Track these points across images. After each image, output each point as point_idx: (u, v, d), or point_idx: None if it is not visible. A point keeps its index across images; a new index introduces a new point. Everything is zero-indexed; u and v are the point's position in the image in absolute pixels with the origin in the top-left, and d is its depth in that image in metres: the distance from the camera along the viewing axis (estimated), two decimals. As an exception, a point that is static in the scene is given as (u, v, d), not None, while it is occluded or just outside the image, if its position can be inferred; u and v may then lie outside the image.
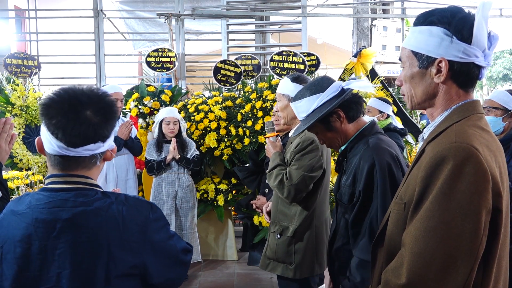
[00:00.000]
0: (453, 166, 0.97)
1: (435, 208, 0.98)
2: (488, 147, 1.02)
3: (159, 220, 1.14)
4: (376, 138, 1.67)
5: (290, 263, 2.25)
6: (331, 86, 1.68)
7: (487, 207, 0.97)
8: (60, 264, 1.04)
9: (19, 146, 4.31)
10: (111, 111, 1.11)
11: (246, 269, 4.19)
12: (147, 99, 4.42)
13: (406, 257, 1.01)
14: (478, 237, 0.96)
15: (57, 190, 1.09)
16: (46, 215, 1.06)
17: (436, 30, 1.08)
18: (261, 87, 4.30)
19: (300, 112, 1.74)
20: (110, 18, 6.24)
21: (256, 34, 5.80)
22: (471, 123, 1.06)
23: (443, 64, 1.08)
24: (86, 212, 1.06)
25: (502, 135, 2.29)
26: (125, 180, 3.84)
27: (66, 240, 1.04)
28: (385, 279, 1.07)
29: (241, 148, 4.21)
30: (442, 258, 0.97)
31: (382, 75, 5.03)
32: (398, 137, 3.36)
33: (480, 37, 1.05)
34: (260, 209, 3.06)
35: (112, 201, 1.09)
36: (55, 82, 5.58)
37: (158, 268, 1.11)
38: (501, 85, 20.86)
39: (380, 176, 1.56)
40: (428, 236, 0.98)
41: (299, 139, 2.25)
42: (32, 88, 4.52)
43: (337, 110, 1.69)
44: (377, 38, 6.02)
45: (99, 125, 1.08)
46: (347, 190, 1.66)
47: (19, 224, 1.07)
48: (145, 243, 1.09)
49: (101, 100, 1.10)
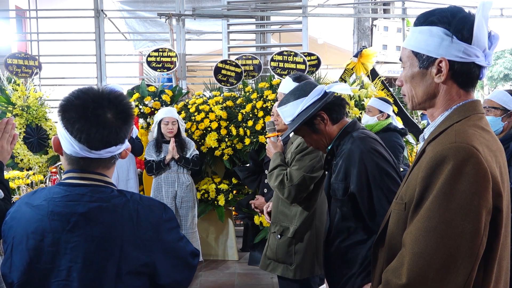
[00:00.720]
0: (453, 166, 0.97)
1: (436, 208, 0.98)
2: (488, 147, 1.02)
3: (171, 221, 1.16)
4: (360, 132, 1.74)
5: (291, 264, 2.25)
6: (314, 90, 1.74)
7: (488, 207, 0.97)
8: (72, 257, 1.05)
9: (20, 146, 4.32)
10: (129, 114, 1.14)
11: (247, 269, 4.19)
12: (148, 99, 4.42)
13: (407, 257, 1.01)
14: (478, 237, 0.96)
15: (74, 185, 1.11)
16: (63, 208, 1.07)
17: (436, 30, 1.08)
18: (262, 87, 4.30)
19: (286, 117, 1.80)
20: (111, 18, 6.24)
21: (256, 34, 5.80)
22: (472, 123, 1.06)
23: (443, 64, 1.08)
24: (103, 207, 1.07)
25: (502, 134, 2.29)
26: (126, 180, 3.84)
27: (80, 234, 1.05)
28: (386, 279, 1.07)
29: (241, 148, 4.21)
30: (443, 258, 0.96)
31: (382, 75, 5.03)
32: (398, 137, 3.36)
33: (480, 37, 1.05)
34: (259, 209, 3.06)
35: (128, 199, 1.11)
36: (56, 82, 5.58)
37: (167, 268, 1.13)
38: (502, 85, 20.84)
39: (372, 160, 1.61)
40: (428, 236, 0.98)
41: (300, 139, 2.25)
42: (33, 88, 4.53)
43: (320, 113, 1.75)
44: (378, 38, 6.02)
45: (120, 128, 1.11)
46: (340, 185, 1.68)
47: (34, 216, 1.08)
48: (157, 242, 1.10)
49: (120, 102, 1.13)
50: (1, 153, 1.56)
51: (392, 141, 3.28)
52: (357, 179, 1.62)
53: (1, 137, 1.56)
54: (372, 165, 1.61)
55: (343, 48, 8.50)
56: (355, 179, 1.63)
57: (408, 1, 6.06)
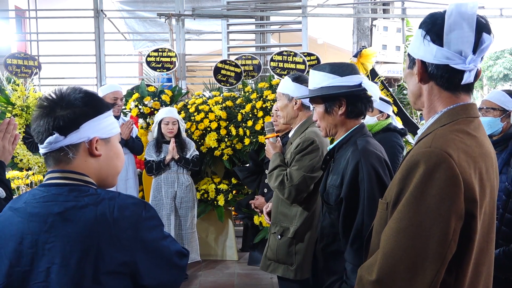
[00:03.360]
0: (425, 171, 0.99)
1: (406, 210, 1.01)
2: (466, 153, 1.02)
3: (152, 219, 1.13)
4: (365, 141, 1.69)
5: (291, 264, 2.25)
6: (350, 76, 1.70)
7: (458, 213, 0.98)
8: (49, 259, 1.04)
9: (19, 146, 4.31)
10: (68, 103, 1.12)
11: (247, 269, 4.19)
12: (148, 99, 4.42)
13: (379, 255, 1.05)
14: (446, 241, 0.98)
15: (51, 185, 1.11)
16: (40, 209, 1.07)
17: (419, 31, 1.12)
18: (262, 87, 4.30)
19: (311, 82, 1.78)
20: (111, 18, 6.24)
21: (256, 34, 5.80)
22: (456, 128, 1.07)
23: (417, 65, 1.12)
24: (77, 207, 1.06)
25: (501, 135, 2.29)
26: (125, 179, 3.84)
27: (56, 235, 1.04)
28: (359, 275, 1.10)
29: (241, 148, 4.21)
30: (410, 258, 0.99)
31: (382, 75, 5.04)
32: (398, 137, 3.36)
33: (452, 39, 1.05)
34: (259, 209, 3.06)
35: (104, 197, 1.09)
36: (56, 82, 5.58)
37: (149, 268, 1.10)
38: (501, 85, 20.83)
39: (367, 180, 1.57)
40: (398, 236, 1.01)
41: (299, 139, 2.25)
42: (32, 88, 4.52)
43: (341, 98, 1.72)
44: (378, 38, 6.01)
45: (53, 116, 1.10)
46: (335, 191, 1.67)
47: (15, 219, 1.08)
48: (136, 241, 1.08)
49: (66, 97, 1.13)
50: (2, 153, 1.57)
51: (391, 141, 3.28)
52: (347, 188, 1.61)
53: (2, 137, 1.56)
54: (366, 185, 1.57)
55: (343, 48, 8.49)
56: (346, 188, 1.62)
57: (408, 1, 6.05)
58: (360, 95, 1.73)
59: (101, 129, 1.15)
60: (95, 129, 1.14)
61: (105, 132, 1.16)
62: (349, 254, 1.59)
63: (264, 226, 4.02)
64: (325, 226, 1.74)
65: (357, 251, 1.54)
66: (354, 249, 1.56)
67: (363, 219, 1.56)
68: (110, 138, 1.19)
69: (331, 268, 1.70)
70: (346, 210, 1.61)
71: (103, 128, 1.16)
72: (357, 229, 1.56)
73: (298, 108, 2.33)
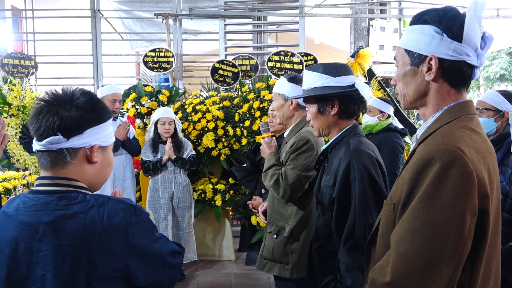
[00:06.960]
0: (439, 168, 0.98)
1: (420, 209, 0.99)
2: (476, 149, 1.02)
3: (143, 223, 1.12)
4: (358, 141, 1.69)
5: (287, 263, 2.25)
6: (343, 76, 1.71)
7: (472, 209, 0.97)
8: (44, 266, 1.05)
9: (16, 146, 4.30)
10: (75, 105, 1.11)
11: (244, 269, 4.19)
12: (145, 99, 4.42)
13: (392, 256, 1.02)
14: (462, 239, 0.96)
15: (41, 193, 1.10)
16: (30, 218, 1.07)
17: (428, 28, 1.09)
18: (259, 87, 4.30)
19: (305, 82, 1.79)
20: (108, 18, 6.23)
21: (253, 34, 5.80)
22: (461, 125, 1.06)
23: (433, 62, 1.09)
24: (66, 216, 1.06)
25: (495, 135, 2.30)
26: (122, 180, 3.83)
27: (48, 243, 1.05)
28: (372, 278, 1.08)
29: (238, 148, 4.21)
30: (426, 258, 0.97)
31: (379, 75, 5.05)
32: (398, 137, 3.36)
33: (471, 36, 1.05)
34: (257, 209, 3.06)
35: (93, 204, 1.08)
36: (52, 82, 5.57)
37: (143, 271, 1.11)
38: (498, 85, 20.89)
39: (359, 180, 1.57)
40: (413, 236, 0.99)
41: (294, 139, 2.26)
42: (29, 88, 4.51)
43: (333, 99, 1.72)
44: (375, 38, 6.03)
45: (60, 119, 1.09)
46: (328, 191, 1.67)
47: (8, 226, 1.09)
48: (128, 246, 1.08)
49: (74, 99, 1.12)
50: None
51: (392, 141, 3.29)
52: (339, 188, 1.61)
53: None
54: (358, 185, 1.58)
55: (340, 48, 8.51)
56: (338, 188, 1.62)
57: (405, 1, 6.08)
58: (353, 95, 1.73)
59: (102, 137, 1.16)
60: (97, 136, 1.14)
61: (104, 140, 1.17)
62: (342, 254, 1.59)
63: (262, 226, 4.02)
64: (319, 227, 1.75)
65: (350, 250, 1.55)
66: (346, 248, 1.57)
67: (355, 219, 1.56)
68: (107, 146, 1.20)
69: (327, 268, 1.70)
70: (339, 210, 1.61)
71: (104, 136, 1.16)
72: (349, 229, 1.57)
73: (294, 108, 2.33)
